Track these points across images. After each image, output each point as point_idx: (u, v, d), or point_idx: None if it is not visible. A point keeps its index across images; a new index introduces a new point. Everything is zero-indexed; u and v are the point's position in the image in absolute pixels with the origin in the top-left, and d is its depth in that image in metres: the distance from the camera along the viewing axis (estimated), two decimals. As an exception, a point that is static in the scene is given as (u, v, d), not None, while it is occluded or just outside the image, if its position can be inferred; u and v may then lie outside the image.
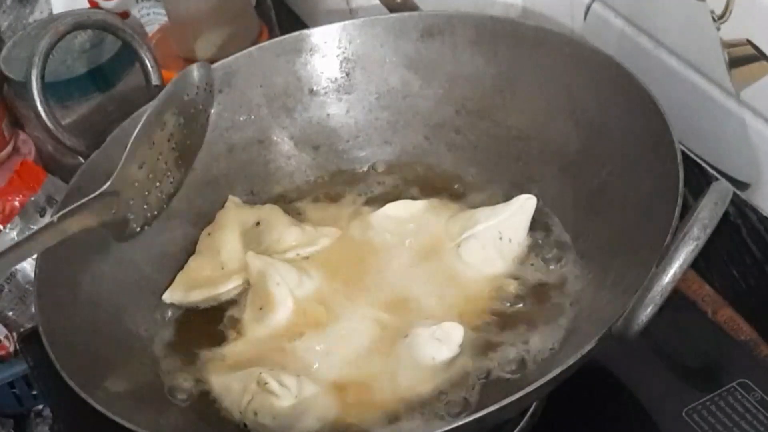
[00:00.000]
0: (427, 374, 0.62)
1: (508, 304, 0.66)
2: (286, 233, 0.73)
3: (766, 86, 0.65)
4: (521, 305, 0.66)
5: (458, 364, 0.63)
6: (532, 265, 0.69)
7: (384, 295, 0.68)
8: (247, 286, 0.70)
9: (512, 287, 0.67)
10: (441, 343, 0.62)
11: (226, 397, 0.64)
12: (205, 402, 0.65)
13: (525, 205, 0.69)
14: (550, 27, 0.76)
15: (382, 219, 0.73)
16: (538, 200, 0.70)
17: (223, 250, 0.72)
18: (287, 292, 0.68)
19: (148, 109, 0.70)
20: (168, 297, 0.71)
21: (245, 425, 0.62)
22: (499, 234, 0.69)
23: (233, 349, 0.67)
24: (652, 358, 0.69)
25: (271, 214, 0.74)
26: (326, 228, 0.74)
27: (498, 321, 0.66)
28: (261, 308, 0.68)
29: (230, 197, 0.77)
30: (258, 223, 0.74)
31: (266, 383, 0.61)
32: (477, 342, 0.64)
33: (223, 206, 0.76)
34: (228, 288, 0.70)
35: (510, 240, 0.69)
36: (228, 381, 0.64)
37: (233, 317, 0.70)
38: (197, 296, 0.70)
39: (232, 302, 0.71)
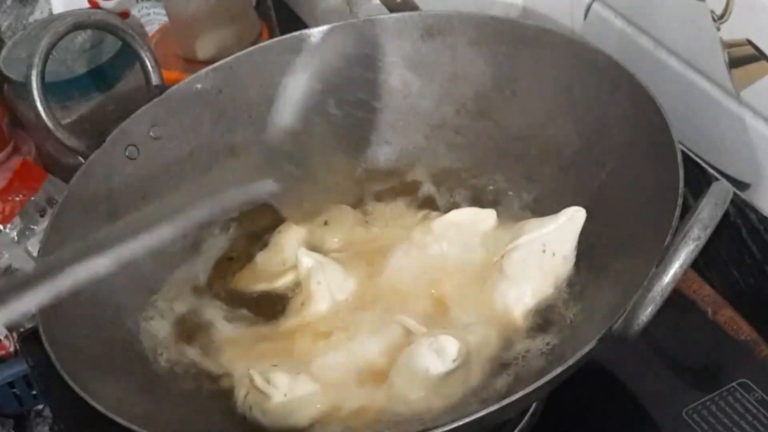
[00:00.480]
0: (422, 385, 0.61)
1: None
2: (350, 234, 0.73)
3: (766, 86, 0.65)
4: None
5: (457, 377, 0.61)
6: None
7: (421, 306, 0.67)
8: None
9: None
10: (436, 356, 0.60)
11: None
12: (206, 401, 0.65)
13: (574, 217, 0.65)
14: (551, 27, 0.76)
15: (446, 226, 0.71)
16: (539, 201, 0.70)
17: (286, 248, 0.73)
18: (327, 293, 0.68)
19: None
20: (232, 285, 0.72)
21: (245, 418, 0.63)
22: (543, 246, 0.65)
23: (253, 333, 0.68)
24: (652, 358, 0.69)
25: (340, 213, 0.75)
26: (392, 229, 0.74)
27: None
28: (302, 304, 0.69)
29: None
30: (326, 222, 0.74)
31: (252, 380, 0.62)
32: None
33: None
34: (282, 283, 0.71)
35: (554, 254, 0.65)
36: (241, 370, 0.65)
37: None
38: (256, 289, 0.72)
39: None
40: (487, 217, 0.71)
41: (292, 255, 0.72)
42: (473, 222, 0.71)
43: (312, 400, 0.62)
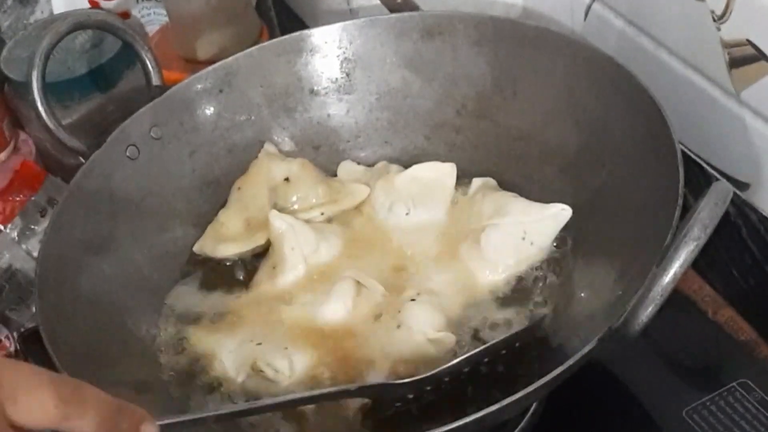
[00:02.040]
0: (415, 348, 0.63)
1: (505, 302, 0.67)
2: (312, 190, 0.74)
3: (766, 86, 0.65)
4: (523, 304, 0.66)
5: (448, 345, 0.64)
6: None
7: (391, 264, 0.69)
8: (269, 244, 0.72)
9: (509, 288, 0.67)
10: (430, 346, 0.63)
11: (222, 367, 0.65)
12: (201, 397, 0.65)
13: (559, 215, 0.68)
14: (551, 27, 0.76)
15: (409, 181, 0.73)
16: (540, 201, 0.70)
17: (250, 206, 0.73)
18: (300, 258, 0.69)
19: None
20: (198, 248, 0.73)
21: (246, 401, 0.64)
22: (524, 234, 0.68)
23: (237, 301, 0.69)
24: (653, 358, 0.69)
25: (302, 169, 0.75)
26: (354, 185, 0.75)
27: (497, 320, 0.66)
28: (274, 267, 0.70)
29: (266, 144, 0.78)
30: (287, 179, 0.74)
31: (260, 371, 0.63)
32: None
33: (224, 205, 0.77)
34: (253, 246, 0.72)
35: (532, 243, 0.68)
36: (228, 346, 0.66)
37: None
38: (224, 252, 0.73)
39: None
40: (448, 171, 0.73)
41: (256, 215, 0.72)
42: (434, 179, 0.73)
43: (310, 372, 0.63)
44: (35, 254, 0.75)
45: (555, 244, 0.69)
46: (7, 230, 0.84)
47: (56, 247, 0.67)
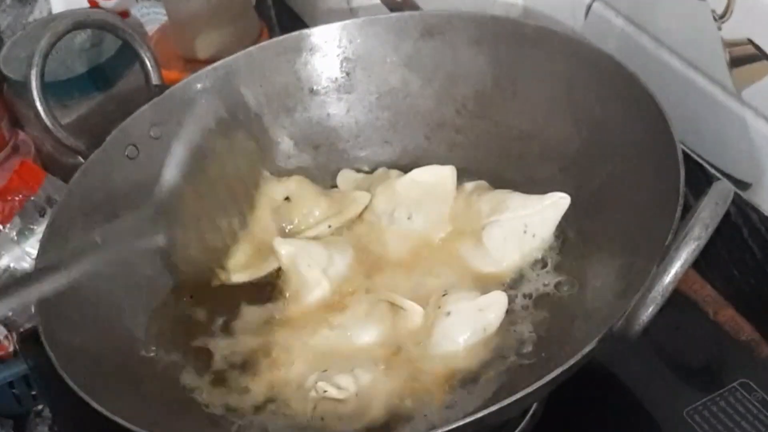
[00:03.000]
0: (472, 349, 0.63)
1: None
2: (315, 205, 0.74)
3: (767, 86, 0.65)
4: (522, 305, 0.66)
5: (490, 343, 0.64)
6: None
7: (402, 273, 0.69)
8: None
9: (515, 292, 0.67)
10: (487, 313, 0.64)
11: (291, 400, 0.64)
12: (208, 400, 0.65)
13: (558, 203, 0.68)
14: (551, 26, 0.76)
15: (409, 185, 0.73)
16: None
17: (256, 231, 0.73)
18: (320, 272, 0.69)
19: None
20: (216, 281, 0.72)
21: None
22: (525, 227, 0.68)
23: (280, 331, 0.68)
24: (653, 358, 0.69)
25: (300, 186, 0.75)
26: (355, 192, 0.75)
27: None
28: (298, 290, 0.69)
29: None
30: (287, 198, 0.74)
31: (325, 391, 0.62)
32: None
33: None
34: (267, 271, 0.71)
35: (534, 235, 0.68)
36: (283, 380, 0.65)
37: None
38: (238, 279, 0.72)
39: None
40: (448, 174, 0.73)
41: (264, 240, 0.72)
42: (435, 182, 0.72)
43: (377, 388, 0.62)
44: (34, 254, 0.75)
45: (556, 234, 0.69)
46: (6, 230, 0.83)
47: (56, 247, 0.67)
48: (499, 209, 0.69)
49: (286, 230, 0.73)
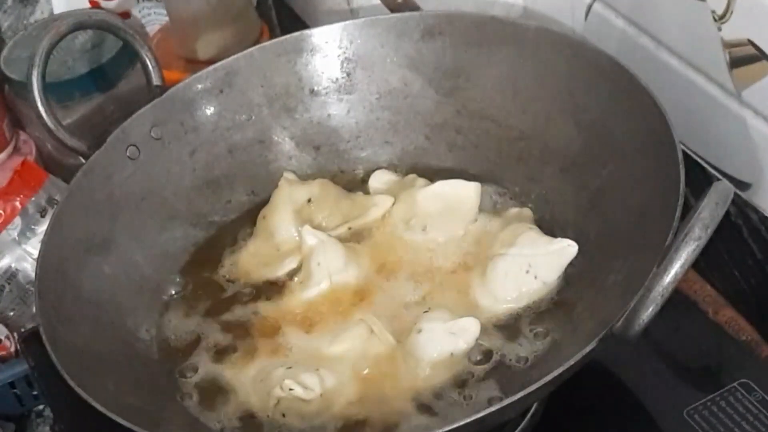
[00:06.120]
0: (439, 367, 0.63)
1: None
2: (337, 208, 0.74)
3: (767, 86, 0.65)
4: (522, 306, 0.66)
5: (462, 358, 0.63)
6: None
7: (410, 291, 0.69)
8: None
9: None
10: (457, 337, 0.63)
11: (250, 395, 0.64)
12: (208, 400, 0.65)
13: (565, 250, 0.66)
14: (551, 27, 0.76)
15: (431, 197, 0.72)
16: (540, 202, 0.71)
17: (276, 233, 0.73)
18: (326, 274, 0.69)
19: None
20: (231, 277, 0.72)
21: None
22: (528, 266, 0.66)
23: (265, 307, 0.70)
24: (653, 359, 0.69)
25: (323, 189, 0.75)
26: (379, 196, 0.75)
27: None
28: (302, 282, 0.70)
29: (285, 174, 0.77)
30: (309, 200, 0.74)
31: (291, 389, 0.62)
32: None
33: (225, 206, 0.77)
34: (284, 271, 0.72)
35: (536, 277, 0.66)
36: (245, 377, 0.65)
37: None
38: (257, 279, 0.72)
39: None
40: (471, 191, 0.72)
41: (284, 240, 0.72)
42: (457, 197, 0.72)
43: (340, 391, 0.63)
44: (35, 254, 0.75)
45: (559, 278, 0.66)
46: (8, 230, 0.84)
47: (56, 248, 0.67)
48: (509, 243, 0.67)
49: None
